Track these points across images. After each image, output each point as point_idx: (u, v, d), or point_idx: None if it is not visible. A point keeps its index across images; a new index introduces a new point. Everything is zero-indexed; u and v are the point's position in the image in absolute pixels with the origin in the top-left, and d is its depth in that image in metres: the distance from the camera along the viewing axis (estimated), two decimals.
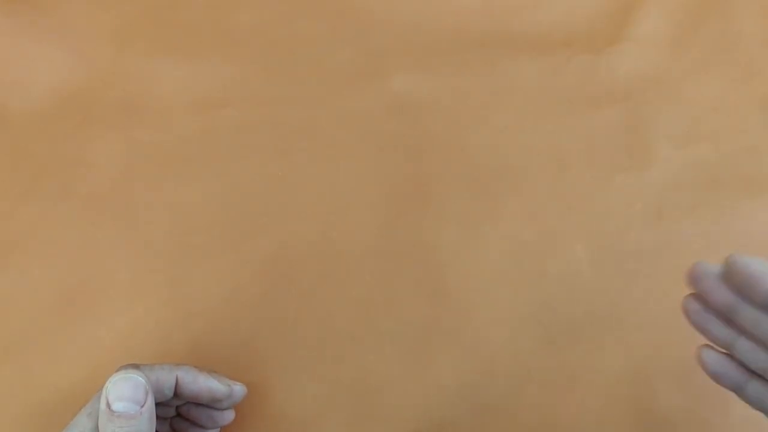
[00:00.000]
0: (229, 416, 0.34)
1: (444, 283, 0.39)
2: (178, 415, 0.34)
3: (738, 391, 0.31)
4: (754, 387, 0.30)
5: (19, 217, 0.40)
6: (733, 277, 0.29)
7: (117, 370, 0.29)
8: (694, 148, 0.41)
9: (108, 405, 0.27)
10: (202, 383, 0.31)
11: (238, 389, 0.33)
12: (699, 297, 0.31)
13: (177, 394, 0.31)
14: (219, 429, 0.35)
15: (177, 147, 0.41)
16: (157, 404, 0.29)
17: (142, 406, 0.27)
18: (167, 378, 0.30)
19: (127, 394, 0.27)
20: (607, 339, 0.37)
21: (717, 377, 0.31)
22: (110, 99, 0.42)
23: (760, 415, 0.31)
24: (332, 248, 0.39)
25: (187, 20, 0.44)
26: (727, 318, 0.30)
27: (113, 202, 0.40)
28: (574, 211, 0.40)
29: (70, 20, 0.44)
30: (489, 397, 0.37)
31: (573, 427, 0.36)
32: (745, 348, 0.30)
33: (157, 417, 0.29)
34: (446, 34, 0.44)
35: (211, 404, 0.33)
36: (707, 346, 0.31)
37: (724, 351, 0.31)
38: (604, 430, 0.36)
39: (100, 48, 0.43)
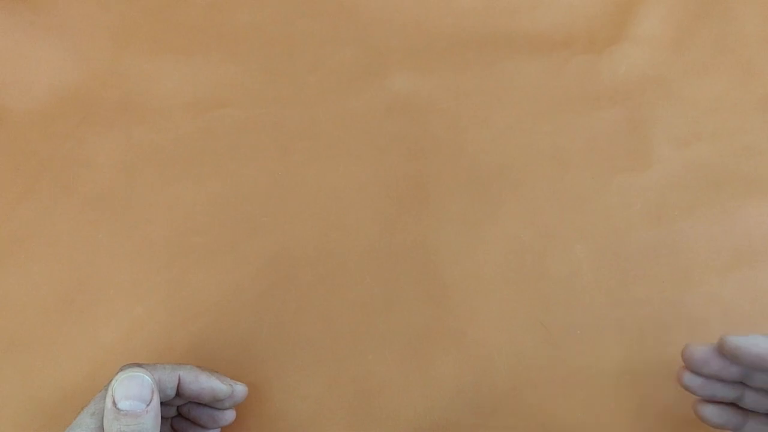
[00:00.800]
0: (230, 416, 0.34)
1: (444, 283, 0.39)
2: (179, 414, 0.34)
3: (736, 430, 0.32)
4: (752, 425, 0.32)
5: (19, 217, 0.40)
6: (741, 359, 0.29)
7: (120, 369, 0.29)
8: (694, 148, 0.41)
9: (114, 403, 0.27)
10: (203, 383, 0.31)
11: (240, 389, 0.33)
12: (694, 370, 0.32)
13: (179, 393, 0.31)
14: (220, 429, 0.35)
15: (177, 147, 0.41)
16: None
17: (148, 405, 0.27)
18: (169, 377, 0.30)
19: (133, 393, 0.27)
20: (607, 339, 0.37)
21: (720, 426, 0.32)
22: (110, 98, 0.42)
23: None
24: (332, 248, 0.39)
25: (187, 20, 0.44)
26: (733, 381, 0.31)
27: (113, 202, 0.40)
28: (574, 211, 0.40)
29: (70, 20, 0.44)
30: (489, 397, 0.37)
31: (573, 427, 0.36)
32: (752, 398, 0.31)
33: None
34: (446, 34, 0.44)
35: (212, 404, 0.33)
36: (702, 401, 0.33)
37: (719, 401, 0.32)
38: (604, 430, 0.36)
39: (99, 48, 0.43)
